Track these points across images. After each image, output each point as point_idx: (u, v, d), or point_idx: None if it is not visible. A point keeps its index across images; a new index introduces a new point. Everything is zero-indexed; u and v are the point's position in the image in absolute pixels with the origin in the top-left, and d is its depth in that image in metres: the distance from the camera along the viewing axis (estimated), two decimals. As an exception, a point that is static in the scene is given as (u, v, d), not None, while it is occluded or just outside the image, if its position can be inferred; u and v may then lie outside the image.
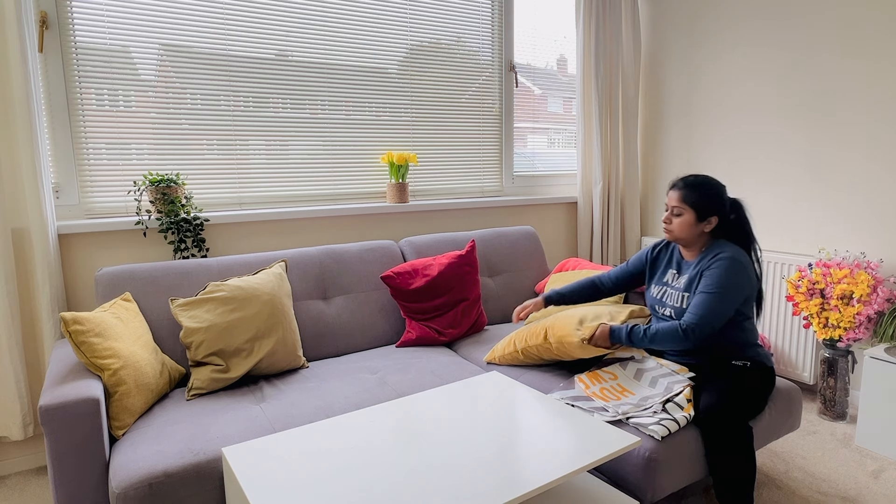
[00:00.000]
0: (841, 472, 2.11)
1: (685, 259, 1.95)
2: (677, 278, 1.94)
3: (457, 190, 3.11)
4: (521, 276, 2.79)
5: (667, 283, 1.97)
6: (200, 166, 2.42)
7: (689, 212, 1.86)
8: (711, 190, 1.86)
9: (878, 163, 2.49)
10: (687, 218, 1.86)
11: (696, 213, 1.85)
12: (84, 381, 1.58)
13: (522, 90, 3.26)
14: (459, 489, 1.21)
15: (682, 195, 1.87)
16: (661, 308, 1.95)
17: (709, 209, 1.85)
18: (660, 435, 1.57)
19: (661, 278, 2.00)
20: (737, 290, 1.77)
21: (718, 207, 1.86)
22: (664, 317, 1.94)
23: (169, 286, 2.06)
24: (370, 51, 2.74)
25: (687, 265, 1.92)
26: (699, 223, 1.86)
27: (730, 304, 1.76)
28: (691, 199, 1.85)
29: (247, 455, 1.35)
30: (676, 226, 1.88)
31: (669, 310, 1.91)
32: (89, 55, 2.17)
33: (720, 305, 1.75)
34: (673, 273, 1.97)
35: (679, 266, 1.96)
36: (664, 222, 1.92)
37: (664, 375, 1.83)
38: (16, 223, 2.06)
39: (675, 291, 1.91)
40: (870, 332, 2.39)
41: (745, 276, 1.79)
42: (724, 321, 1.77)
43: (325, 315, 2.29)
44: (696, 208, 1.85)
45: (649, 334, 1.80)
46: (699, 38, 3.16)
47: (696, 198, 1.85)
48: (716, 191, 1.86)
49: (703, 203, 1.84)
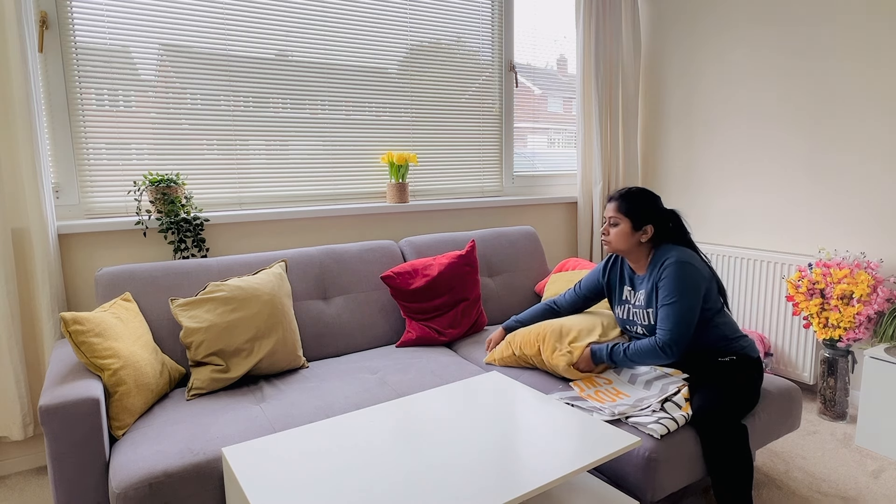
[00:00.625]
0: (841, 472, 2.11)
1: (637, 273, 1.97)
2: (634, 295, 1.97)
3: (457, 190, 3.11)
4: (521, 276, 2.79)
5: (626, 300, 2.00)
6: (200, 166, 2.42)
7: (624, 221, 1.90)
8: (645, 200, 1.91)
9: (878, 163, 2.49)
10: (623, 227, 1.90)
11: (632, 222, 1.89)
12: (84, 381, 1.58)
13: (522, 90, 3.26)
14: (459, 489, 1.21)
15: (617, 205, 1.92)
16: (632, 327, 1.98)
17: (643, 218, 1.89)
18: (659, 434, 1.57)
19: (621, 297, 2.03)
20: (694, 291, 1.79)
21: (653, 216, 1.90)
22: (638, 335, 1.97)
23: (169, 286, 2.06)
24: (370, 51, 2.74)
25: (640, 279, 1.95)
26: (635, 232, 1.90)
27: (693, 307, 1.79)
28: (626, 208, 1.90)
29: (247, 455, 1.35)
30: (614, 236, 1.92)
31: (640, 328, 1.94)
32: (89, 55, 2.17)
33: (686, 311, 1.78)
34: (629, 290, 1.99)
35: (632, 282, 1.99)
36: (602, 234, 1.97)
37: (658, 378, 1.84)
38: (16, 223, 2.06)
39: (638, 310, 1.94)
40: (870, 332, 2.39)
41: (697, 274, 1.81)
42: (694, 324, 1.79)
43: (325, 315, 2.29)
44: (631, 217, 1.89)
45: (629, 353, 1.84)
46: (699, 38, 3.16)
47: (631, 207, 1.90)
48: (649, 201, 1.91)
49: (637, 212, 1.89)
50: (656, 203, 1.93)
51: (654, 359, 1.81)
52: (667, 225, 1.94)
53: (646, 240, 1.91)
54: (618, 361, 1.87)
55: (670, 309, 1.79)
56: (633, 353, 1.84)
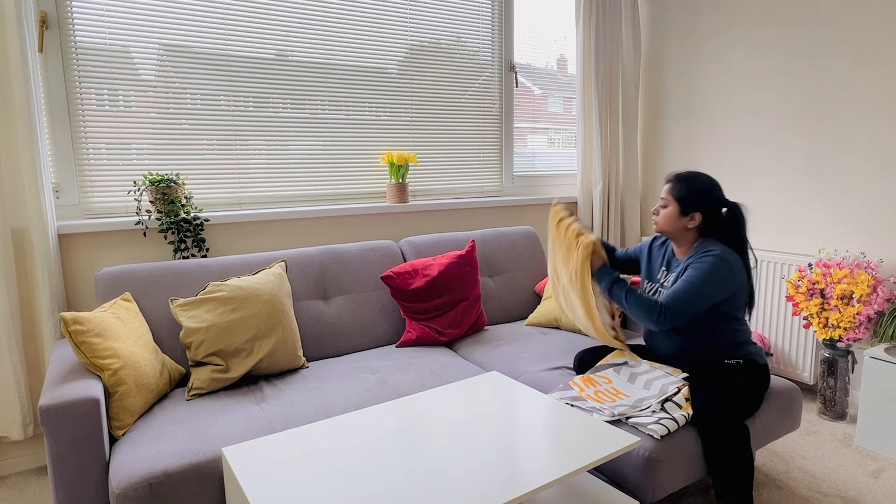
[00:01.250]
0: (841, 472, 2.11)
1: (675, 257, 1.96)
2: (666, 276, 1.95)
3: (457, 190, 3.11)
4: (521, 276, 2.79)
5: (658, 280, 1.99)
6: (200, 166, 2.42)
7: (673, 204, 1.88)
8: (699, 186, 1.87)
9: (878, 163, 2.49)
10: (671, 210, 1.88)
11: (680, 206, 1.86)
12: (84, 381, 1.58)
13: (522, 90, 3.26)
14: (459, 489, 1.21)
15: (670, 187, 1.90)
16: None
17: (693, 204, 1.86)
18: (659, 434, 1.57)
19: (655, 275, 2.01)
20: (716, 287, 1.77)
21: (704, 204, 1.86)
22: None
23: (169, 286, 2.06)
24: (370, 51, 2.74)
25: (676, 263, 1.94)
26: (682, 217, 1.87)
27: (705, 298, 1.77)
28: (677, 192, 1.87)
29: (247, 455, 1.35)
30: (661, 217, 1.91)
31: None
32: (89, 55, 2.17)
33: (699, 295, 1.76)
34: (663, 271, 1.98)
35: (669, 264, 1.97)
36: (653, 214, 1.95)
37: (658, 378, 1.83)
38: (16, 223, 2.06)
39: (665, 291, 1.92)
40: (870, 332, 2.39)
41: (730, 275, 1.79)
42: (696, 313, 1.77)
43: (325, 315, 2.29)
44: (681, 202, 1.86)
45: (628, 296, 1.83)
46: (699, 38, 3.16)
47: (683, 191, 1.86)
48: (704, 187, 1.87)
49: (688, 197, 1.86)
50: (711, 191, 1.87)
51: (645, 313, 1.79)
52: (719, 215, 1.88)
53: (693, 226, 1.87)
54: (614, 293, 1.86)
55: (687, 285, 1.77)
56: (632, 297, 1.82)
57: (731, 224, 1.88)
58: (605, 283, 1.90)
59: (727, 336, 1.85)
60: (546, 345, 2.27)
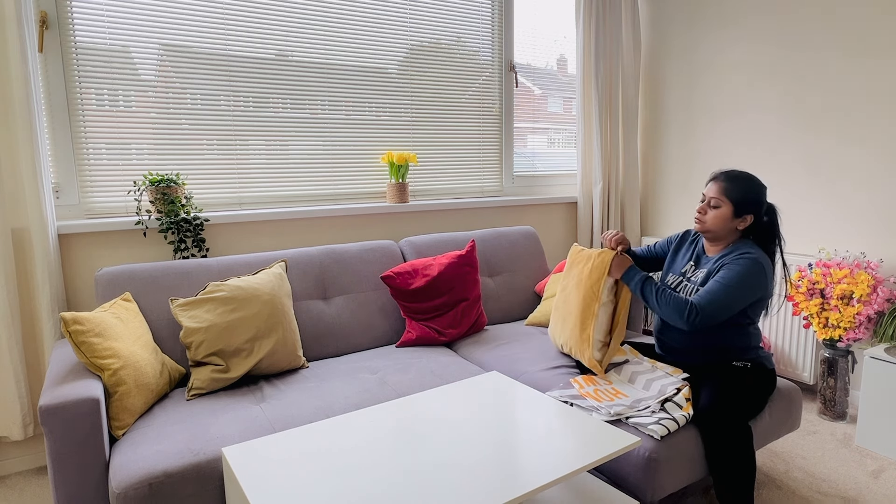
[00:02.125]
0: (841, 472, 2.11)
1: (706, 254, 1.92)
2: (694, 271, 1.92)
3: (457, 190, 3.11)
4: (521, 276, 2.79)
5: (684, 274, 1.95)
6: (200, 166, 2.42)
7: (727, 205, 1.82)
8: (754, 188, 1.83)
9: (878, 162, 2.49)
10: (724, 211, 1.82)
11: (735, 207, 1.82)
12: (84, 381, 1.58)
13: (522, 90, 3.26)
14: (459, 489, 1.21)
15: (723, 187, 1.83)
16: None
17: (747, 207, 1.82)
18: (659, 434, 1.57)
19: (680, 268, 1.98)
20: (750, 291, 1.75)
21: (755, 206, 1.83)
22: None
23: (169, 286, 2.06)
24: (370, 51, 2.74)
25: (706, 260, 1.90)
26: (735, 219, 1.83)
27: (739, 302, 1.74)
28: (733, 193, 1.82)
29: (247, 455, 1.35)
30: (711, 217, 1.85)
31: None
32: (89, 55, 2.17)
33: (732, 299, 1.73)
34: (691, 265, 1.95)
35: (698, 260, 1.94)
36: (698, 212, 1.88)
37: (657, 379, 1.83)
38: (16, 223, 2.06)
39: (691, 286, 1.88)
40: (870, 332, 2.39)
41: (764, 280, 1.77)
42: (727, 316, 1.75)
43: (325, 315, 2.29)
44: (736, 203, 1.82)
45: (659, 294, 1.78)
46: (699, 37, 3.16)
47: (738, 193, 1.82)
48: (758, 190, 1.84)
49: (743, 199, 1.81)
50: (762, 193, 1.84)
51: (676, 313, 1.74)
52: (762, 218, 1.86)
53: (743, 228, 1.84)
54: (645, 292, 1.81)
55: (721, 287, 1.73)
56: (663, 296, 1.77)
57: (769, 226, 1.87)
58: (635, 283, 1.85)
59: (739, 338, 1.84)
60: (546, 345, 2.27)
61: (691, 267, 1.94)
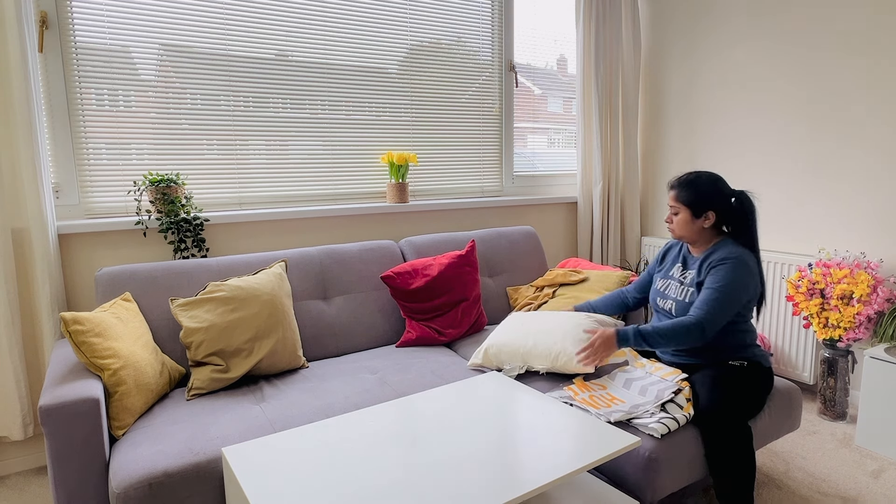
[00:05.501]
0: (841, 472, 2.11)
1: (691, 254, 1.97)
2: (682, 272, 1.96)
3: (457, 190, 3.11)
4: (521, 276, 2.79)
5: (671, 276, 1.99)
6: (200, 166, 2.42)
7: (684, 210, 1.89)
8: (703, 186, 1.87)
9: (878, 162, 2.49)
10: (683, 216, 1.89)
11: (691, 210, 1.87)
12: (84, 381, 1.58)
13: (522, 90, 3.25)
14: (459, 489, 1.21)
15: (676, 194, 1.90)
16: (663, 301, 1.96)
17: (703, 205, 1.87)
18: (659, 433, 1.57)
19: (668, 273, 2.02)
20: (743, 291, 1.79)
21: (713, 202, 1.87)
22: (664, 310, 1.96)
23: (169, 286, 2.06)
24: (370, 51, 2.74)
25: (693, 260, 1.94)
26: (696, 220, 1.88)
27: (735, 304, 1.78)
28: (684, 197, 1.88)
29: (247, 455, 1.35)
30: (676, 225, 1.92)
31: (671, 302, 1.92)
32: (89, 55, 2.17)
33: (728, 302, 1.76)
34: (679, 267, 1.99)
35: (685, 261, 1.98)
36: (666, 222, 1.96)
37: (654, 384, 1.80)
38: (16, 223, 2.06)
39: (678, 285, 1.93)
40: (870, 332, 2.39)
41: (751, 282, 1.81)
42: (728, 319, 1.78)
43: (325, 315, 2.29)
44: (690, 206, 1.87)
45: (660, 330, 1.77)
46: (699, 37, 3.16)
47: (689, 195, 1.88)
48: (709, 186, 1.87)
49: (696, 200, 1.87)
50: (716, 185, 1.87)
51: (686, 336, 1.75)
52: (729, 206, 1.87)
53: (709, 225, 1.88)
54: (650, 341, 1.78)
55: (717, 293, 1.76)
56: (664, 329, 1.76)
57: (742, 213, 1.88)
58: (634, 342, 1.81)
59: (735, 337, 1.85)
60: (546, 345, 2.27)
61: (679, 269, 1.98)
